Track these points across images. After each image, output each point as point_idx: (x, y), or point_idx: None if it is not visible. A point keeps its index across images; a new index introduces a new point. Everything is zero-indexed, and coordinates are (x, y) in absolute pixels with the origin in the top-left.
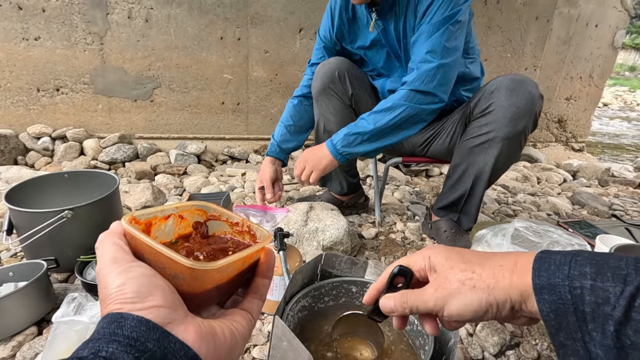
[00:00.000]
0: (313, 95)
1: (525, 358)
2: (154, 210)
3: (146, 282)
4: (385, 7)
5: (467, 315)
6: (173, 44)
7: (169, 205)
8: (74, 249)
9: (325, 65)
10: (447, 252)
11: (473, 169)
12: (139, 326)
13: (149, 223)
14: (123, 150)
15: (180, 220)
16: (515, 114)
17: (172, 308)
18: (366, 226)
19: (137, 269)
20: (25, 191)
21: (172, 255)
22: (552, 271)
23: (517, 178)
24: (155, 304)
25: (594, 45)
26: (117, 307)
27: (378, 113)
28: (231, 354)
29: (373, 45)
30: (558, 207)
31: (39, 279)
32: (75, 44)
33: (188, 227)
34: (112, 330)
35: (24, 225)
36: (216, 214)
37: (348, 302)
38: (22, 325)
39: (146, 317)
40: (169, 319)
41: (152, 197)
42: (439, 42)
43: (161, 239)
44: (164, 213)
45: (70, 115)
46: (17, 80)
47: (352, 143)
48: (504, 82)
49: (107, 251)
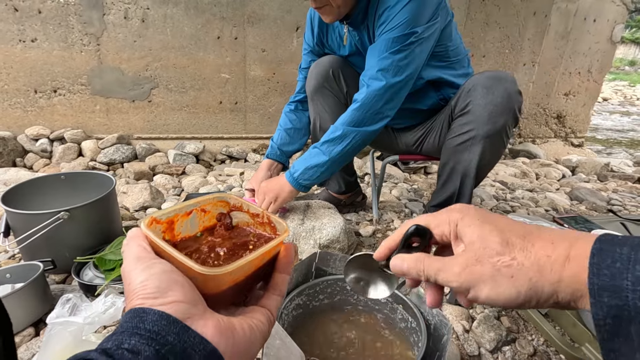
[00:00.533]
0: (308, 94)
1: (521, 354)
2: (175, 209)
3: (166, 278)
4: (357, 19)
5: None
6: (170, 43)
7: (190, 201)
8: (71, 250)
9: (319, 65)
10: (480, 224)
11: (460, 167)
12: (159, 320)
13: (171, 221)
14: (121, 151)
15: (203, 213)
16: (492, 111)
17: (192, 303)
18: (363, 224)
19: (158, 265)
20: (22, 193)
21: (184, 260)
22: (617, 270)
23: (515, 174)
24: (175, 299)
25: (593, 40)
26: (139, 302)
27: (331, 142)
28: (250, 349)
29: (352, 54)
30: (556, 202)
31: (36, 280)
32: (72, 45)
33: (212, 219)
34: (135, 324)
35: (21, 226)
36: (238, 204)
37: (343, 300)
38: (20, 326)
39: (167, 312)
40: (188, 314)
41: (150, 197)
42: (391, 60)
43: (185, 234)
44: (186, 209)
45: (68, 116)
46: (14, 82)
47: (312, 175)
48: (480, 81)
49: (132, 251)
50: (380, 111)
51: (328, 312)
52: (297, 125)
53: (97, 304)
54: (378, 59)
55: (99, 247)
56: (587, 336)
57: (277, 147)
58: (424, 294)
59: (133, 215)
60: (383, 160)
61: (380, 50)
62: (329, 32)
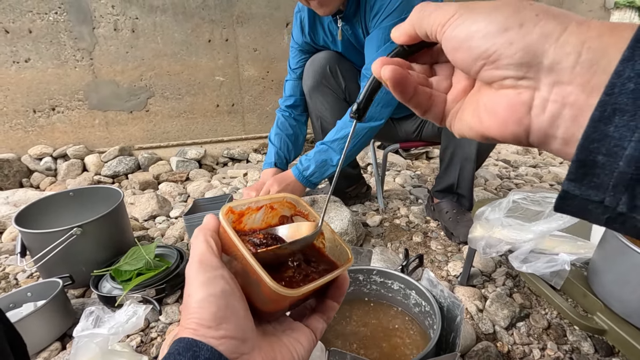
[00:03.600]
0: (306, 92)
1: (535, 328)
2: (249, 201)
3: (224, 305)
4: (349, 12)
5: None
6: (162, 51)
7: (263, 196)
8: (87, 264)
9: (316, 61)
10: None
11: (460, 151)
12: (212, 358)
13: (242, 214)
14: (124, 162)
15: (270, 210)
16: None
17: (242, 339)
18: (370, 214)
19: (220, 283)
20: (34, 213)
21: (262, 274)
22: None
23: (517, 151)
24: (227, 334)
25: (586, 8)
26: (193, 326)
27: (341, 140)
28: None
29: (345, 48)
30: (560, 177)
31: (57, 297)
32: (66, 62)
33: (276, 217)
34: (188, 358)
35: (36, 246)
36: (305, 212)
37: (356, 291)
38: (46, 342)
39: (218, 350)
40: (237, 353)
41: (157, 206)
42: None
43: (251, 226)
44: (258, 204)
45: (69, 133)
46: (12, 104)
47: (324, 173)
48: None
49: (197, 249)
50: (388, 103)
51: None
52: (296, 131)
53: (119, 314)
54: (378, 50)
55: (113, 259)
56: (598, 305)
57: (284, 156)
58: (435, 278)
59: (143, 225)
60: (384, 150)
61: (379, 40)
62: (319, 29)
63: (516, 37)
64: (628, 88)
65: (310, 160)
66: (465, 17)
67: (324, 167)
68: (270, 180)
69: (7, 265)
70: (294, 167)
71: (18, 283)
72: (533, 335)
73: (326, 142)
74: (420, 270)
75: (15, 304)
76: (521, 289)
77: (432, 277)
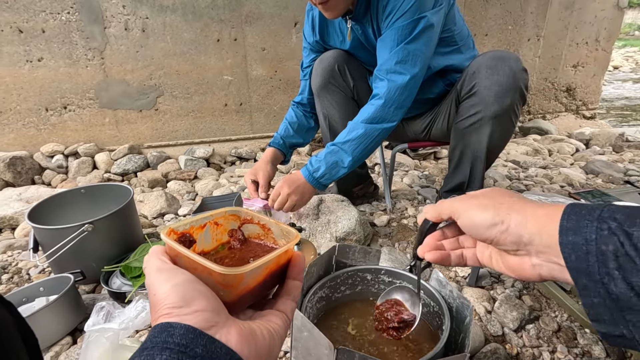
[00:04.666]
0: (314, 91)
1: (545, 330)
2: (190, 221)
3: (190, 288)
4: (359, 13)
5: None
6: (171, 50)
7: (203, 214)
8: (97, 260)
9: (324, 60)
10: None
11: (469, 151)
12: (187, 334)
13: (185, 233)
14: (134, 160)
15: (216, 226)
16: (498, 92)
17: (215, 312)
18: (377, 214)
19: (180, 275)
20: (46, 209)
21: (204, 262)
22: (582, 215)
23: (527, 152)
24: (199, 308)
25: (598, 7)
26: (166, 311)
27: (353, 141)
28: (271, 352)
29: (354, 48)
30: (571, 177)
31: (68, 292)
32: (77, 61)
33: (224, 233)
34: (163, 339)
35: (48, 241)
36: (249, 217)
37: (364, 290)
38: (57, 336)
39: (192, 325)
40: (212, 322)
41: (166, 204)
42: (407, 51)
43: (201, 248)
44: (200, 222)
45: (80, 131)
46: (25, 102)
47: (334, 175)
48: (484, 62)
49: (152, 265)
50: (402, 105)
51: (351, 302)
52: (302, 122)
53: (129, 309)
54: (392, 51)
55: (123, 255)
56: None
57: (281, 137)
58: (444, 278)
59: (152, 223)
60: (392, 149)
61: (393, 41)
62: (330, 28)
63: (503, 229)
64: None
65: (320, 161)
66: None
67: (335, 168)
68: (281, 182)
69: (20, 260)
70: (303, 169)
71: (30, 278)
72: (543, 338)
73: (337, 144)
74: (428, 271)
75: (28, 298)
76: (531, 290)
77: (441, 277)
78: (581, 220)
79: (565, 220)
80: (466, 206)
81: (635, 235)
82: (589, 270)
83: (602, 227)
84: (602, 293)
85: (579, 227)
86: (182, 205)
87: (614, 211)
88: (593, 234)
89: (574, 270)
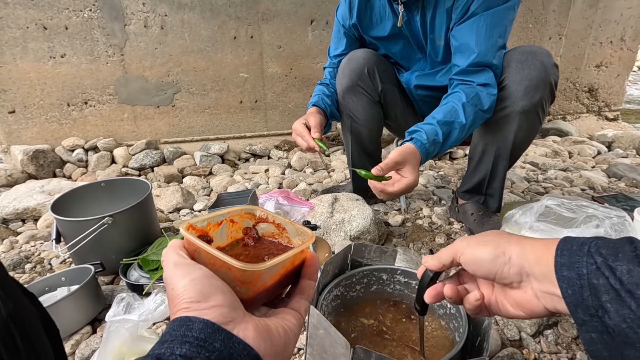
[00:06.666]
0: (339, 92)
1: (564, 337)
2: (207, 217)
3: (207, 283)
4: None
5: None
6: (189, 48)
7: (220, 211)
8: (117, 253)
9: (353, 61)
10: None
11: (492, 148)
12: (205, 328)
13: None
14: (150, 155)
15: (231, 224)
16: (528, 86)
17: (232, 307)
18: (392, 214)
19: (198, 270)
20: (68, 201)
21: (223, 257)
22: (573, 250)
23: (546, 154)
24: (217, 303)
25: (624, 5)
26: (184, 306)
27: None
28: (286, 349)
29: (392, 36)
30: (593, 181)
31: (89, 282)
32: (98, 58)
33: (239, 231)
34: (183, 332)
35: (70, 233)
36: (264, 216)
37: (379, 290)
38: (78, 325)
39: (210, 319)
40: (230, 317)
41: (182, 199)
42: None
43: (217, 245)
44: (217, 219)
45: (99, 126)
46: (48, 97)
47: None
48: (514, 56)
49: (170, 260)
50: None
51: (366, 301)
52: (334, 96)
53: (148, 302)
54: (490, 40)
55: (141, 248)
56: None
57: (321, 99)
58: None
59: (168, 217)
60: None
61: (489, 24)
62: (370, 11)
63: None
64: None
65: (437, 135)
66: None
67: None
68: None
69: (42, 251)
70: (414, 142)
71: (52, 268)
72: (561, 344)
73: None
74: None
75: (50, 288)
76: None
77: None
78: (573, 256)
79: (559, 256)
80: (467, 243)
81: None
82: (585, 304)
83: (590, 262)
84: (598, 327)
85: (572, 263)
86: (197, 200)
87: (600, 246)
88: (584, 268)
89: (571, 305)
